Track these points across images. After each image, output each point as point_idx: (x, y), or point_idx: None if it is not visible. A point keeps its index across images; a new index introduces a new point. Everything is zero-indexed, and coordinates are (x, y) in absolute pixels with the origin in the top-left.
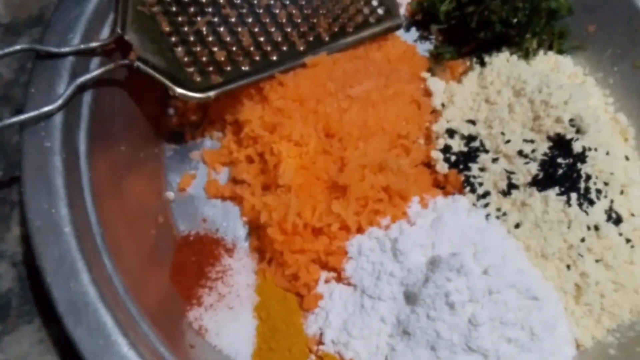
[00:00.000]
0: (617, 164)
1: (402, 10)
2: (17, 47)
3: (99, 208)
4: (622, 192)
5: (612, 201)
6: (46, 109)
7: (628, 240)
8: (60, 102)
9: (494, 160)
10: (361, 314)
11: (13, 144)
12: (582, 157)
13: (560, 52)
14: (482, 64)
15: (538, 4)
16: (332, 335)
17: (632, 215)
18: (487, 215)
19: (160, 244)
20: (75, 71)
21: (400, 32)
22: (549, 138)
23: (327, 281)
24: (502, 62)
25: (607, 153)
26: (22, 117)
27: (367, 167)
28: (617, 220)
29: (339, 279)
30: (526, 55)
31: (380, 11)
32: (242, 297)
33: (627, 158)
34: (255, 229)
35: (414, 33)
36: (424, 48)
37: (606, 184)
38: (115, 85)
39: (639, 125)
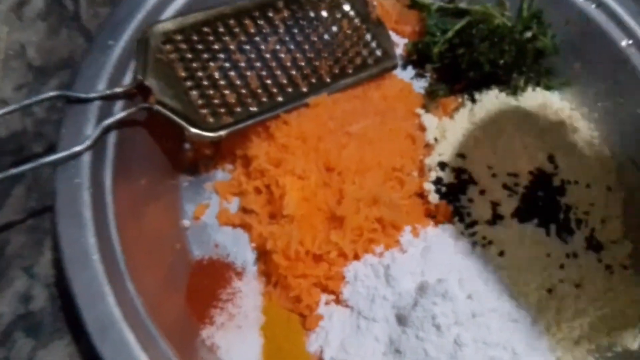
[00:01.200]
0: (598, 195)
1: (399, 51)
2: (51, 93)
3: (122, 237)
4: (603, 221)
5: (592, 229)
6: (76, 149)
7: (607, 267)
8: (88, 142)
9: (481, 192)
10: (357, 333)
11: (45, 177)
12: (560, 190)
13: (547, 88)
14: (473, 100)
15: (524, 45)
16: (332, 353)
17: (613, 242)
18: (474, 244)
19: (176, 268)
20: (101, 114)
21: (398, 71)
22: (530, 172)
23: (327, 303)
24: (491, 99)
25: (588, 185)
26: (55, 156)
27: (362, 201)
28: (597, 248)
29: (338, 301)
30: (514, 92)
31: (378, 53)
32: (249, 317)
33: (609, 188)
34: (263, 255)
35: (410, 71)
36: (420, 85)
37: (586, 213)
38: (136, 125)
39: (621, 157)
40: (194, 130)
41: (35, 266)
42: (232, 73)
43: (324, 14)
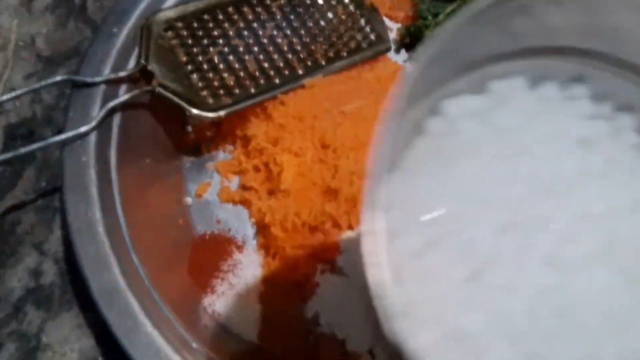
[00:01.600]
0: None
1: (393, 35)
2: (58, 78)
3: (127, 212)
4: None
5: None
6: (82, 129)
7: None
8: (94, 123)
9: None
10: (351, 299)
11: (54, 159)
12: None
13: None
14: None
15: None
16: (327, 317)
17: None
18: None
19: (179, 242)
20: (106, 97)
21: (391, 54)
22: None
23: (322, 272)
24: None
25: None
26: (62, 136)
27: (356, 174)
28: None
29: (333, 269)
30: None
31: (371, 37)
32: (249, 286)
33: None
34: (262, 229)
35: (403, 54)
36: None
37: None
38: (140, 108)
39: None
40: (194, 110)
41: (45, 243)
42: (231, 57)
43: (320, 1)
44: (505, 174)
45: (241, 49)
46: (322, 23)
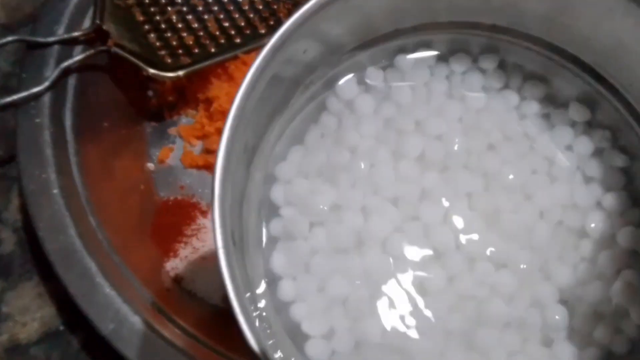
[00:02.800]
0: None
1: None
2: (9, 38)
3: (86, 176)
4: None
5: None
6: (35, 89)
7: None
8: (47, 83)
9: None
10: None
11: (11, 127)
12: None
13: None
14: None
15: None
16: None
17: None
18: None
19: (142, 208)
20: (60, 57)
21: None
22: None
23: None
24: None
25: None
26: (15, 97)
27: None
28: None
29: None
30: None
31: None
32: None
33: None
34: None
35: None
36: None
37: None
38: (97, 70)
39: None
40: (152, 70)
41: (3, 212)
42: (190, 17)
43: None
44: (392, 153)
45: (200, 8)
46: None
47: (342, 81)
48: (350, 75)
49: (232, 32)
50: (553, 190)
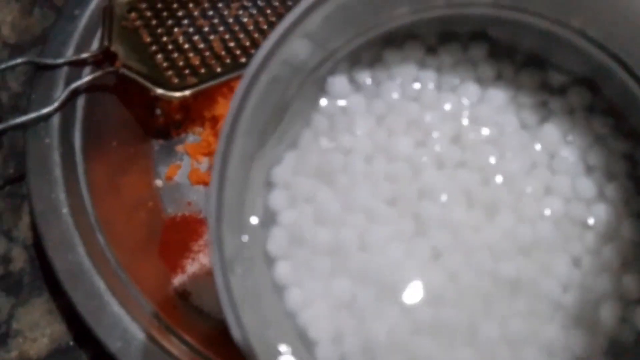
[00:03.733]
0: None
1: None
2: (19, 60)
3: (94, 194)
4: None
5: None
6: (45, 110)
7: None
8: (56, 104)
9: None
10: None
11: (21, 146)
12: None
13: None
14: None
15: None
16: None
17: None
18: None
19: (150, 225)
20: (69, 79)
21: None
22: None
23: None
24: None
25: None
26: (24, 118)
27: None
28: None
29: None
30: None
31: None
32: None
33: None
34: None
35: None
36: None
37: None
38: (106, 91)
39: None
40: (159, 90)
41: (14, 230)
42: (196, 37)
43: None
44: (387, 152)
45: (206, 28)
46: (289, 2)
47: (333, 81)
48: (341, 75)
49: (238, 52)
50: (554, 183)
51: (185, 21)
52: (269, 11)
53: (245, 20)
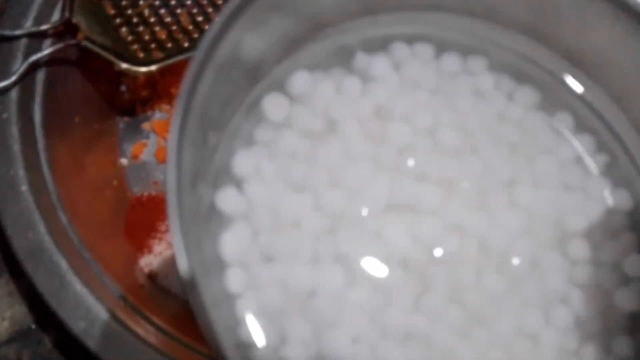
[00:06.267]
0: None
1: None
2: None
3: (56, 172)
4: None
5: None
6: (2, 84)
7: None
8: (14, 78)
9: None
10: None
11: None
12: None
13: None
14: None
15: None
16: None
17: None
18: None
19: (115, 203)
20: (28, 51)
21: None
22: None
23: None
24: None
25: None
26: None
27: None
28: None
29: None
30: None
31: None
32: None
33: None
34: None
35: None
36: None
37: None
38: (68, 65)
39: None
40: (124, 64)
41: None
42: (162, 10)
43: None
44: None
45: (173, 2)
46: None
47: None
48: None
49: (206, 27)
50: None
51: None
52: None
53: None
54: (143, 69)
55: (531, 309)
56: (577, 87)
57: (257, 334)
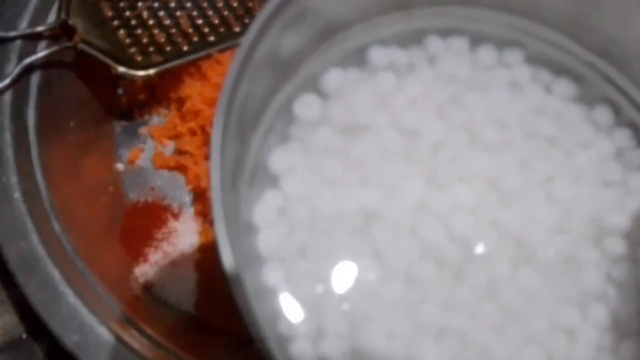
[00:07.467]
0: None
1: None
2: None
3: (50, 178)
4: None
5: None
6: None
7: None
8: (8, 80)
9: None
10: None
11: None
12: None
13: None
14: None
15: None
16: None
17: None
18: None
19: (110, 210)
20: (22, 53)
21: None
22: None
23: None
24: None
25: None
26: None
27: None
28: None
29: None
30: None
31: None
32: (185, 255)
33: None
34: (199, 195)
35: None
36: None
37: None
38: (63, 67)
39: None
40: (121, 68)
41: None
42: (161, 13)
43: None
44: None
45: (173, 4)
46: None
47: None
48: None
49: (206, 30)
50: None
51: None
52: None
53: None
54: (141, 73)
55: (567, 305)
56: (617, 79)
57: (295, 327)
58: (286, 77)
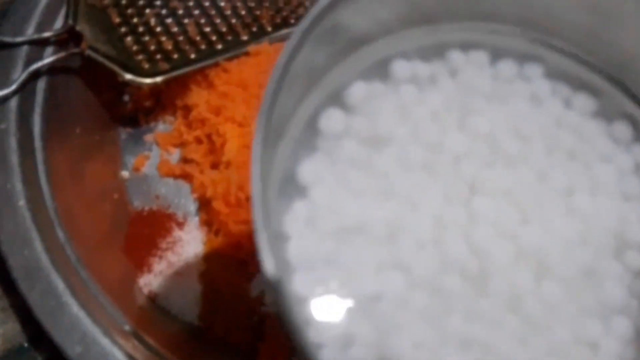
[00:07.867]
0: None
1: None
2: None
3: (54, 185)
4: None
5: None
6: (1, 93)
7: None
8: (14, 87)
9: None
10: None
11: None
12: None
13: None
14: None
15: None
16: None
17: None
18: None
19: (115, 219)
20: (29, 59)
21: None
22: None
23: None
24: None
25: None
26: None
27: None
28: None
29: None
30: None
31: None
32: (190, 264)
33: None
34: (204, 204)
35: None
36: None
37: None
38: (70, 73)
39: None
40: (128, 75)
41: None
42: (169, 20)
43: None
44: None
45: (181, 11)
46: None
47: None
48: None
49: (213, 38)
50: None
51: (158, 2)
52: None
53: (222, 4)
54: (148, 81)
55: (590, 317)
56: (636, 94)
57: (325, 335)
58: (311, 88)
